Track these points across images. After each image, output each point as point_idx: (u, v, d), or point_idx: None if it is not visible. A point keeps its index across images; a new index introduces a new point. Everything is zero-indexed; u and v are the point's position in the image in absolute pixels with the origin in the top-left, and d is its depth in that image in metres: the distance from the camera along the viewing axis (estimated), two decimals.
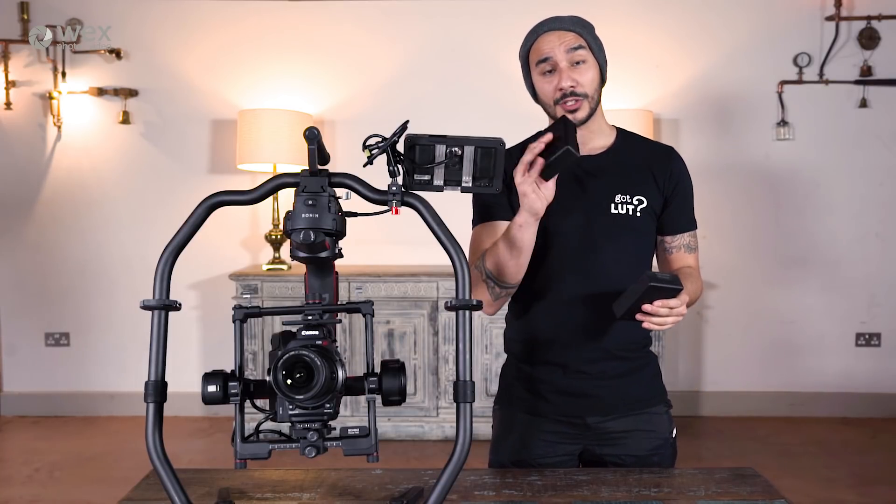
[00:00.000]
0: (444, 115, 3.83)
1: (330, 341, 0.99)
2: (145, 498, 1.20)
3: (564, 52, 1.42)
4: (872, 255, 3.99)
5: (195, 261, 3.84)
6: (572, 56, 1.42)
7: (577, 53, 1.42)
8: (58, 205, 4.03)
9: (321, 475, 1.29)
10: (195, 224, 1.01)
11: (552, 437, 1.48)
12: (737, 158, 3.95)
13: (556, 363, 1.48)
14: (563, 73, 1.42)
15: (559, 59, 1.42)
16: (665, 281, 1.22)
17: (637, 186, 1.47)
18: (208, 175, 4.01)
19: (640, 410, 1.49)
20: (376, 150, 1.02)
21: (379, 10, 3.95)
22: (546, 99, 1.46)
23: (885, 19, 3.84)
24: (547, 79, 1.44)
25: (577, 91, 1.42)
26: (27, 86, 3.98)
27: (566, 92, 1.41)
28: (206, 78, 3.98)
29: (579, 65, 1.43)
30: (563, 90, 1.42)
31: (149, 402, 0.98)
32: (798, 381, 4.03)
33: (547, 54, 1.43)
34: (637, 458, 1.47)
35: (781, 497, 1.20)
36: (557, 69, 1.42)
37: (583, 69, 1.43)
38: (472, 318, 1.01)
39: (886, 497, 2.98)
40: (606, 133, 1.52)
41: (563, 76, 1.41)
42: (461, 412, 0.99)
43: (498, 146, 1.07)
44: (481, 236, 1.50)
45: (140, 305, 1.00)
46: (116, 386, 4.04)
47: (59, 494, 3.04)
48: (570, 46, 1.42)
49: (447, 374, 3.57)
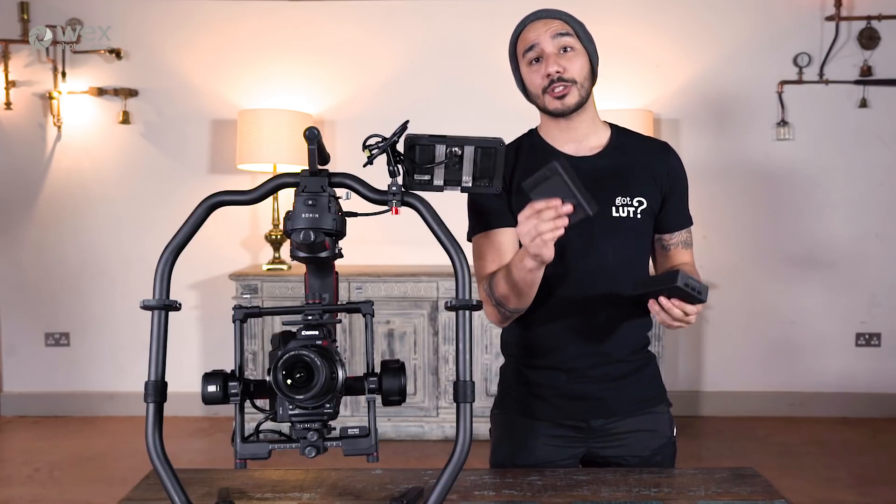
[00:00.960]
0: (444, 115, 3.83)
1: (330, 341, 0.99)
2: (145, 498, 1.20)
3: (551, 38, 1.40)
4: (872, 255, 3.99)
5: (195, 261, 3.84)
6: (559, 42, 1.40)
7: (564, 40, 1.40)
8: (58, 205, 4.03)
9: (321, 475, 1.29)
10: (195, 224, 1.01)
11: (556, 441, 1.47)
12: (737, 158, 3.95)
13: (558, 367, 1.46)
14: (549, 59, 1.39)
15: (546, 46, 1.40)
16: (695, 290, 1.21)
17: (636, 187, 1.45)
18: (208, 175, 4.01)
19: (643, 411, 1.49)
20: (376, 150, 1.02)
21: (379, 10, 3.95)
22: (535, 90, 1.43)
23: (885, 19, 3.84)
24: (534, 68, 1.42)
25: (564, 77, 1.39)
26: (27, 86, 3.98)
27: (553, 78, 1.39)
28: (206, 78, 3.98)
29: (567, 52, 1.40)
30: (550, 76, 1.39)
31: (149, 402, 0.98)
32: (798, 381, 4.03)
33: (533, 42, 1.41)
34: (641, 458, 1.47)
35: (781, 497, 1.20)
36: (544, 56, 1.40)
37: (571, 56, 1.40)
38: (472, 318, 1.01)
39: (886, 497, 2.98)
40: (600, 131, 1.49)
41: (549, 62, 1.39)
42: (461, 412, 0.99)
43: (498, 146, 1.07)
44: (483, 248, 1.46)
45: (140, 305, 1.00)
46: (116, 386, 4.04)
47: (59, 494, 3.04)
48: (556, 32, 1.40)
49: (447, 374, 3.57)
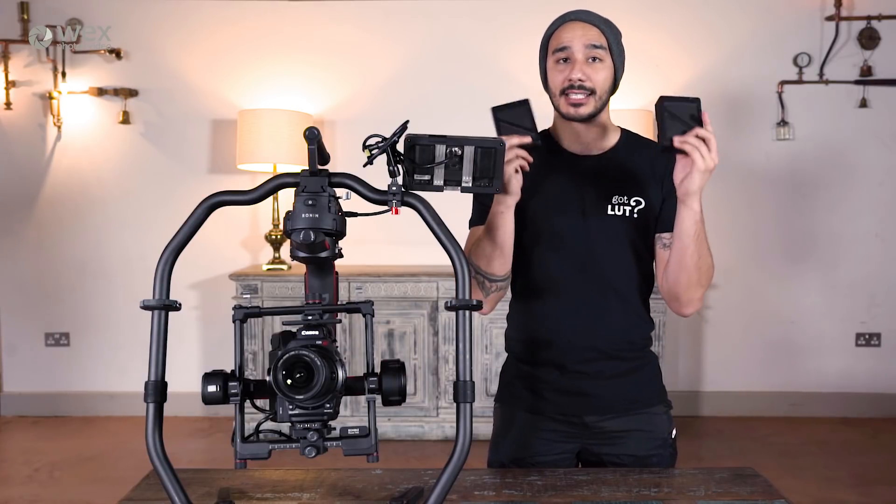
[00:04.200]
0: (444, 115, 3.82)
1: (330, 341, 0.99)
2: (145, 498, 1.20)
3: (583, 45, 1.40)
4: (872, 255, 3.99)
5: (195, 261, 3.84)
6: (590, 52, 1.40)
7: (596, 51, 1.40)
8: (58, 205, 4.03)
9: (321, 475, 1.29)
10: (195, 224, 1.01)
11: (551, 436, 1.49)
12: (737, 158, 3.95)
13: (555, 363, 1.48)
14: (576, 65, 1.40)
15: (576, 51, 1.40)
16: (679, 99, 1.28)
17: (636, 187, 1.46)
18: (208, 175, 4.01)
19: (639, 410, 1.49)
20: (376, 150, 1.02)
21: (379, 10, 3.95)
22: (554, 88, 1.44)
23: (885, 19, 3.84)
24: (559, 67, 1.43)
25: (585, 85, 1.40)
26: (27, 86, 3.98)
27: (574, 84, 1.40)
28: (206, 78, 3.98)
29: (595, 62, 1.41)
30: (571, 81, 1.40)
31: (149, 402, 0.98)
32: (798, 381, 4.03)
33: (565, 44, 1.41)
34: (636, 458, 1.47)
35: (781, 497, 1.20)
36: (572, 59, 1.41)
37: (598, 67, 1.41)
38: (472, 318, 1.01)
39: (886, 497, 2.98)
40: (611, 134, 1.51)
41: (575, 68, 1.40)
42: (461, 412, 0.99)
43: (498, 146, 1.07)
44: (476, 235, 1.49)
45: (140, 305, 1.00)
46: (116, 386, 4.04)
47: (59, 494, 3.04)
48: (590, 42, 1.40)
49: (447, 374, 3.57)
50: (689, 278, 1.39)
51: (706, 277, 1.40)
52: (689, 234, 1.34)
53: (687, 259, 1.37)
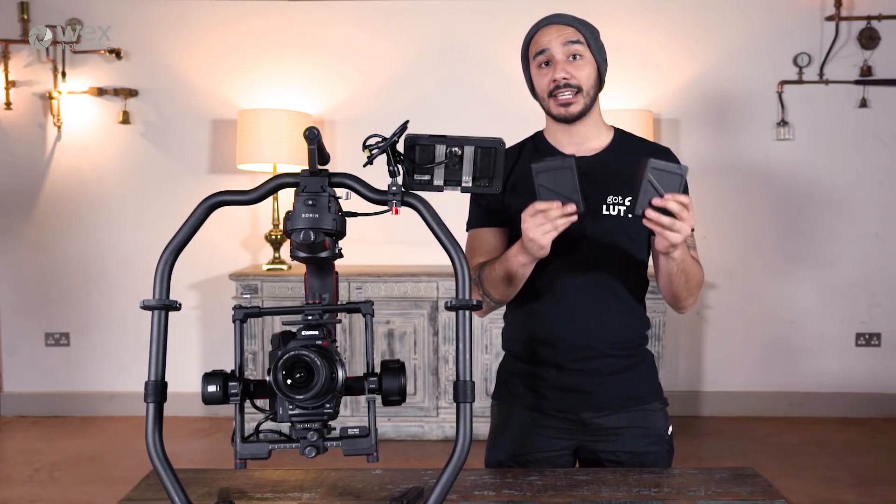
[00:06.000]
0: (444, 115, 3.83)
1: (330, 341, 0.99)
2: (145, 498, 1.20)
3: (561, 45, 1.44)
4: (872, 255, 3.99)
5: (195, 261, 3.84)
6: (569, 49, 1.44)
7: (574, 48, 1.44)
8: (58, 205, 4.03)
9: (321, 475, 1.29)
10: (195, 224, 1.01)
11: (548, 432, 1.51)
12: (737, 158, 3.95)
13: (553, 361, 1.49)
14: (557, 65, 1.44)
15: (555, 52, 1.44)
16: (666, 165, 1.22)
17: (630, 187, 1.46)
18: (208, 175, 4.01)
19: (635, 407, 1.51)
20: (376, 150, 1.02)
21: (379, 10, 3.95)
22: (541, 92, 1.48)
23: (885, 19, 3.84)
24: (543, 71, 1.47)
25: (570, 83, 1.43)
26: (27, 86, 3.98)
27: (559, 83, 1.43)
28: (206, 78, 3.98)
29: (575, 59, 1.44)
30: (556, 81, 1.44)
31: (149, 402, 0.98)
32: (798, 381, 4.03)
33: (544, 46, 1.45)
34: (632, 454, 1.48)
35: (781, 497, 1.20)
36: (553, 61, 1.45)
37: (579, 64, 1.44)
38: (472, 318, 1.01)
39: (886, 497, 2.98)
40: (604, 134, 1.53)
41: (557, 68, 1.44)
42: (461, 412, 0.99)
43: (498, 146, 1.07)
44: (477, 242, 1.53)
45: (140, 305, 1.00)
46: (116, 386, 4.04)
47: (59, 494, 3.04)
48: (567, 40, 1.44)
49: (447, 374, 3.57)
50: (678, 293, 1.45)
51: (697, 288, 1.47)
52: (674, 272, 1.39)
53: (674, 284, 1.43)
